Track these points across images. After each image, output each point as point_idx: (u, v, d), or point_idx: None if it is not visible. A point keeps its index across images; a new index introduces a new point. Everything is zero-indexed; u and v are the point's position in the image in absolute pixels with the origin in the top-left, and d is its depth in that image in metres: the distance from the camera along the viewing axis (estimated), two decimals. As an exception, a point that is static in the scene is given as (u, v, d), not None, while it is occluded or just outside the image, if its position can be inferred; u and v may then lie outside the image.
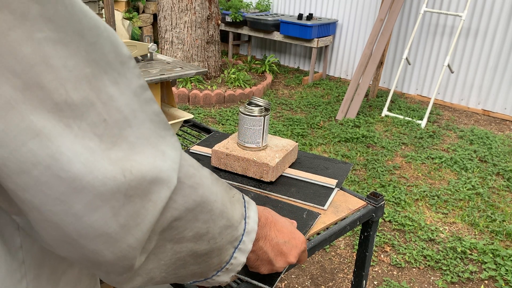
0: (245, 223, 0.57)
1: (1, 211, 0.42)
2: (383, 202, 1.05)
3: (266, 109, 1.10)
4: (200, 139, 1.35)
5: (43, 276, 0.47)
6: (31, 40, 0.33)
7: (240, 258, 0.57)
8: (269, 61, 5.40)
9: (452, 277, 2.12)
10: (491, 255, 2.27)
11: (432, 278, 2.13)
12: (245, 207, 0.59)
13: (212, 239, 0.51)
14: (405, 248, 2.32)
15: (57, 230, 0.37)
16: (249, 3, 6.03)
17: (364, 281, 1.14)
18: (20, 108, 0.33)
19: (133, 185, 0.38)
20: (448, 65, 4.09)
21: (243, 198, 0.60)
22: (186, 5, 4.47)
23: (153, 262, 0.46)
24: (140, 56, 1.38)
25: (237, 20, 5.50)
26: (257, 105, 1.10)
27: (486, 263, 2.22)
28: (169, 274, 0.50)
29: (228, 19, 5.58)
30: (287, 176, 1.12)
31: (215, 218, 0.50)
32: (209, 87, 4.57)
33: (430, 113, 4.32)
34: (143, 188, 0.39)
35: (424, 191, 2.88)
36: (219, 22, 4.76)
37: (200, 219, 0.48)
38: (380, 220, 2.54)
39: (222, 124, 3.86)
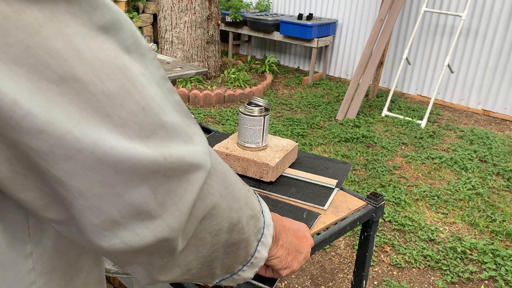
0: (264, 216, 0.59)
1: (12, 218, 0.42)
2: (383, 202, 1.05)
3: (266, 109, 1.10)
4: (200, 139, 1.34)
5: (53, 282, 0.47)
6: (61, 35, 0.35)
7: (263, 252, 0.59)
8: (269, 61, 5.40)
9: (452, 277, 2.12)
10: (491, 255, 2.27)
11: (432, 278, 2.13)
12: (259, 201, 0.60)
13: (242, 229, 0.52)
14: (405, 248, 2.31)
15: (101, 214, 0.38)
16: (249, 3, 6.03)
17: (364, 281, 1.14)
18: (57, 100, 0.34)
19: (173, 166, 0.39)
20: (448, 65, 4.09)
21: (255, 194, 0.61)
22: (186, 5, 4.47)
23: (193, 254, 0.48)
24: (140, 56, 1.38)
25: (237, 20, 5.50)
26: (257, 105, 1.10)
27: (486, 263, 2.22)
28: (204, 266, 0.51)
29: (228, 19, 5.58)
30: (287, 176, 1.12)
31: (243, 207, 0.52)
32: (209, 87, 4.57)
33: (430, 113, 4.32)
34: (182, 170, 0.40)
35: (424, 191, 2.88)
36: (219, 22, 4.76)
37: (233, 207, 0.50)
38: (380, 220, 2.54)
39: (222, 124, 3.86)
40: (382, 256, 2.28)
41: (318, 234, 0.92)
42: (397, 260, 2.23)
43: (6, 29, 0.32)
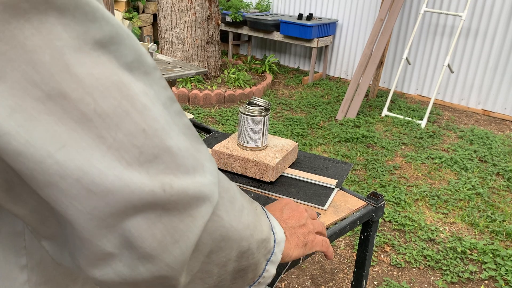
0: (274, 233, 0.56)
1: (8, 230, 0.41)
2: (383, 202, 1.05)
3: (266, 109, 1.10)
4: (200, 139, 1.35)
5: None
6: (49, 48, 0.32)
7: (271, 270, 0.56)
8: (269, 61, 5.40)
9: (452, 277, 2.12)
10: (491, 255, 2.27)
11: (432, 278, 2.13)
12: (268, 217, 0.56)
13: (251, 254, 0.49)
14: (405, 248, 2.31)
15: (91, 246, 0.35)
16: (249, 3, 6.03)
17: (364, 281, 1.14)
18: (43, 119, 0.31)
19: (173, 199, 0.35)
20: (448, 65, 4.09)
21: (264, 209, 0.58)
22: (186, 5, 4.47)
23: (198, 286, 0.44)
24: (140, 56, 1.38)
25: (237, 20, 5.50)
26: (257, 105, 1.10)
27: (486, 263, 2.22)
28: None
29: (228, 19, 5.58)
30: (287, 176, 1.12)
31: (253, 232, 0.48)
32: (209, 87, 4.57)
33: (430, 113, 4.32)
34: (184, 203, 0.36)
35: (424, 191, 2.88)
36: (219, 22, 4.76)
37: (244, 236, 0.46)
38: (380, 220, 2.54)
39: (222, 124, 3.86)
40: (382, 256, 2.28)
41: (318, 234, 0.92)
42: (397, 260, 2.23)
43: None
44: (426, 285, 2.09)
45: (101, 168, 0.33)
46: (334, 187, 1.07)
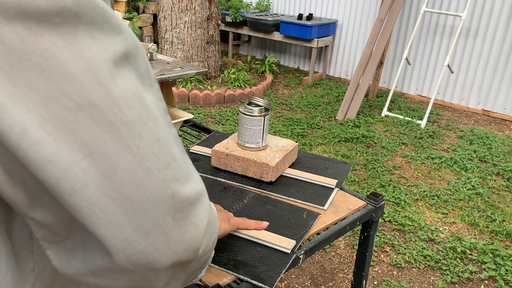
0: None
1: (19, 236, 0.42)
2: (383, 202, 1.05)
3: (266, 109, 1.10)
4: (200, 139, 1.35)
5: None
6: (80, 60, 0.33)
7: (213, 250, 0.59)
8: (269, 61, 5.40)
9: (452, 277, 2.12)
10: (491, 255, 2.27)
11: (432, 278, 2.13)
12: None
13: (214, 243, 0.51)
14: (405, 248, 2.32)
15: (108, 257, 0.36)
16: (249, 3, 6.03)
17: (364, 281, 1.14)
18: (72, 128, 0.33)
19: (179, 207, 0.37)
20: (448, 65, 4.09)
21: None
22: (186, 5, 4.47)
23: (179, 284, 0.46)
24: (140, 56, 1.38)
25: (237, 20, 5.50)
26: (257, 105, 1.10)
27: (486, 263, 2.22)
28: (182, 284, 0.50)
29: (228, 19, 5.58)
30: (287, 176, 1.12)
31: (216, 222, 0.51)
32: (209, 87, 4.57)
33: (430, 113, 4.32)
34: (186, 211, 0.38)
35: (424, 191, 2.88)
36: (219, 22, 4.76)
37: (216, 227, 0.48)
38: (380, 220, 2.54)
39: (222, 124, 3.86)
40: (382, 256, 2.28)
41: (318, 234, 0.92)
42: (397, 260, 2.24)
43: (23, 53, 0.31)
44: (426, 285, 2.09)
45: (122, 176, 0.34)
46: (334, 187, 1.07)
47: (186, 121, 1.46)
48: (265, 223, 0.84)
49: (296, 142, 2.53)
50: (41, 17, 0.31)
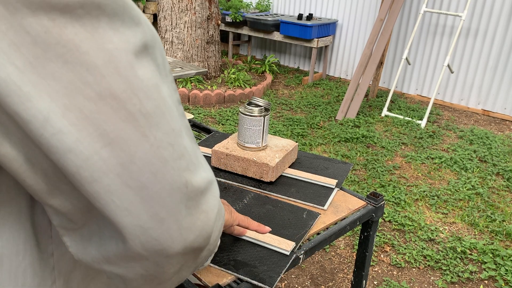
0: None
1: (39, 222, 0.43)
2: (383, 202, 1.05)
3: (266, 109, 1.10)
4: (200, 139, 1.35)
5: (73, 282, 0.48)
6: (102, 51, 0.34)
7: (219, 239, 0.60)
8: (269, 61, 5.40)
9: (452, 277, 2.12)
10: (491, 255, 2.27)
11: (432, 278, 2.13)
12: None
13: (221, 231, 0.53)
14: (405, 248, 2.32)
15: (123, 244, 0.37)
16: (249, 3, 6.03)
17: (364, 281, 1.14)
18: (93, 118, 0.34)
19: (192, 196, 0.38)
20: (448, 65, 4.09)
21: None
22: (186, 5, 4.47)
23: (190, 270, 0.47)
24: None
25: (237, 20, 5.51)
26: (257, 105, 1.10)
27: (486, 263, 2.22)
28: (191, 272, 0.51)
29: (228, 19, 5.58)
30: (287, 176, 1.12)
31: (222, 210, 0.52)
32: (209, 87, 4.57)
33: (430, 113, 4.32)
34: (198, 199, 0.39)
35: (424, 191, 2.88)
36: (219, 22, 4.76)
37: (223, 215, 0.50)
38: (380, 220, 2.54)
39: (222, 124, 3.86)
40: (382, 256, 2.28)
41: (318, 234, 0.92)
42: (397, 260, 2.24)
43: (47, 44, 0.32)
44: (426, 285, 2.09)
45: (140, 165, 0.35)
46: (334, 187, 1.07)
47: (186, 121, 1.46)
48: (268, 228, 0.84)
49: (296, 142, 2.53)
50: (65, 9, 0.32)
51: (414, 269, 2.19)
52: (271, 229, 0.86)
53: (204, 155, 1.21)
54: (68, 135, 0.33)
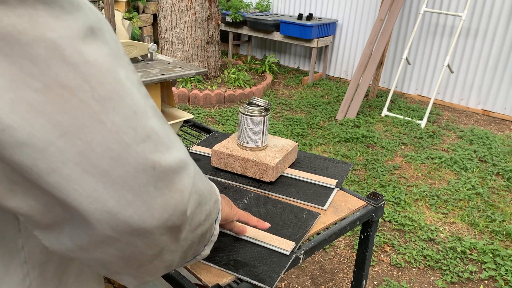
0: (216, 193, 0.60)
1: (6, 215, 0.42)
2: (383, 202, 1.05)
3: (266, 109, 1.10)
4: (200, 139, 1.35)
5: (48, 273, 0.48)
6: (44, 41, 0.33)
7: (217, 228, 0.60)
8: (269, 61, 5.40)
9: (452, 277, 2.12)
10: (491, 255, 2.27)
11: (432, 278, 2.13)
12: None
13: (210, 216, 0.52)
14: (405, 248, 2.32)
15: (93, 230, 0.37)
16: (249, 3, 6.03)
17: (364, 281, 1.14)
18: (44, 110, 0.33)
19: (161, 176, 0.38)
20: (448, 65, 4.09)
21: None
22: (186, 5, 4.47)
23: (178, 254, 0.47)
24: (140, 56, 1.38)
25: (237, 20, 5.50)
26: (257, 105, 1.10)
27: (486, 263, 2.22)
28: (181, 259, 0.51)
29: (228, 19, 5.58)
30: (287, 176, 1.12)
31: (211, 195, 0.52)
32: (209, 87, 4.57)
33: (430, 113, 4.32)
34: (169, 179, 0.39)
35: (424, 191, 2.88)
36: (219, 22, 4.76)
37: (208, 200, 0.50)
38: (380, 220, 2.54)
39: (222, 124, 3.86)
40: (382, 256, 2.28)
41: (318, 234, 0.92)
42: (397, 260, 2.24)
43: None
44: (426, 285, 2.09)
45: (99, 151, 0.34)
46: (334, 187, 1.07)
47: (186, 121, 1.46)
48: (267, 224, 0.84)
49: (296, 142, 2.53)
50: None
51: (414, 269, 2.19)
52: (270, 225, 0.86)
53: (204, 155, 1.21)
54: (19, 130, 0.32)
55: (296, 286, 2.06)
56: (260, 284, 0.73)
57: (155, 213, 0.38)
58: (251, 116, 1.09)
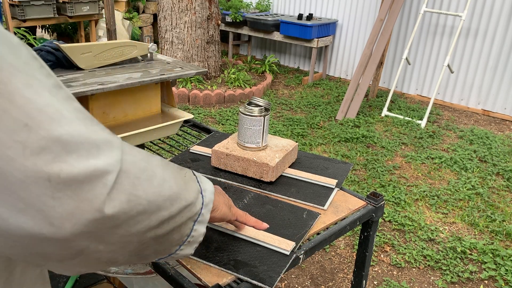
0: (202, 196, 0.60)
1: None
2: (383, 202, 1.05)
3: (266, 109, 1.10)
4: (200, 139, 1.35)
5: (16, 274, 0.49)
6: None
7: (200, 229, 0.60)
8: (269, 61, 5.40)
9: (452, 277, 2.12)
10: (491, 255, 2.27)
11: (432, 278, 2.13)
12: (198, 182, 0.61)
13: (172, 220, 0.52)
14: (405, 248, 2.32)
15: None
16: (249, 3, 6.03)
17: (364, 281, 1.14)
18: None
19: (60, 187, 0.37)
20: (448, 65, 4.09)
21: (194, 174, 0.62)
22: (186, 5, 4.47)
23: (119, 252, 0.47)
24: (140, 56, 1.38)
25: (237, 20, 5.50)
26: (257, 105, 1.10)
27: (486, 263, 2.22)
28: (132, 256, 0.51)
29: (228, 19, 5.58)
30: (287, 176, 1.12)
31: (173, 202, 0.51)
32: (209, 87, 4.57)
33: (430, 113, 4.32)
34: (73, 189, 0.38)
35: (424, 191, 2.88)
36: (219, 22, 4.76)
37: (163, 207, 0.49)
38: (380, 220, 2.54)
39: (222, 124, 3.86)
40: (382, 256, 2.28)
41: (318, 234, 0.92)
42: (397, 260, 2.24)
43: None
44: (426, 285, 2.09)
45: None
46: (334, 187, 1.07)
47: (186, 121, 1.46)
48: (265, 225, 0.84)
49: (296, 142, 2.53)
50: None
51: (414, 269, 2.19)
52: (268, 226, 0.86)
53: (204, 155, 1.20)
54: None
55: (296, 286, 2.06)
56: (260, 284, 0.73)
57: (55, 222, 0.38)
58: (251, 116, 1.09)
